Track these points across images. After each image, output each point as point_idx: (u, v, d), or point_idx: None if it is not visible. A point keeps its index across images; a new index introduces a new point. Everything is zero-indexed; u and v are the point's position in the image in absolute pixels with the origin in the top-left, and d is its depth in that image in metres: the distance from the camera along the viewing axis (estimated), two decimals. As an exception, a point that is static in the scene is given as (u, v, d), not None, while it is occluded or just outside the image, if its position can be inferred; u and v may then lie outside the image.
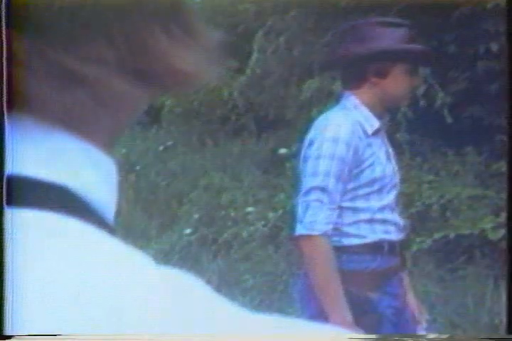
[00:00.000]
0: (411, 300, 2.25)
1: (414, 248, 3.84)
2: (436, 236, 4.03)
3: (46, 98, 0.43)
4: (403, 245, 2.23)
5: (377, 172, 2.14)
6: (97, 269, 0.40)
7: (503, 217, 3.93)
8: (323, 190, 2.09)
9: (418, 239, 3.99)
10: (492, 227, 3.92)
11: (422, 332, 2.24)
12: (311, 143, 2.13)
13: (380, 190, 2.15)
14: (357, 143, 2.11)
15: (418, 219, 4.27)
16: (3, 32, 0.42)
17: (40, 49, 0.43)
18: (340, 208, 2.12)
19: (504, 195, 3.99)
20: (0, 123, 0.44)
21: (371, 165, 2.13)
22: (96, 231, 0.43)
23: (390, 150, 2.22)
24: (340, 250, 2.11)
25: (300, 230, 2.09)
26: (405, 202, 3.95)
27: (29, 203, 0.42)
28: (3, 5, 0.43)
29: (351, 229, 2.12)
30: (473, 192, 4.41)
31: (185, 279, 0.42)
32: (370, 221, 2.13)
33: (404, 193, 3.61)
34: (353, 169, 2.11)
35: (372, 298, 2.08)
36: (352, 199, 2.13)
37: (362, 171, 2.13)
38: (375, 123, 2.15)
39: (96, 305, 0.38)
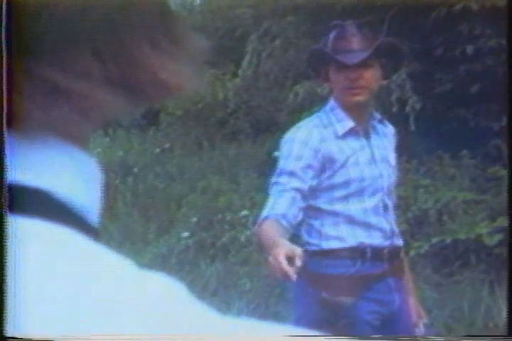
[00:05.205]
0: (410, 304, 2.22)
1: (412, 252, 3.84)
2: (434, 240, 4.04)
3: (33, 112, 0.43)
4: (395, 251, 2.18)
5: (352, 173, 2.11)
6: (94, 274, 0.40)
7: (499, 221, 3.95)
8: (290, 173, 2.05)
9: (416, 244, 4.00)
10: (488, 232, 3.92)
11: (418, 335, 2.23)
12: (283, 146, 2.13)
13: (360, 192, 2.12)
14: (324, 145, 2.09)
15: (415, 223, 4.28)
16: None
17: (27, 65, 0.42)
18: (319, 211, 2.11)
19: (502, 199, 4.01)
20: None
21: (344, 166, 2.11)
22: (80, 235, 0.42)
23: (380, 153, 2.18)
24: (318, 254, 2.09)
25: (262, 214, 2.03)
26: (402, 206, 3.95)
27: (22, 210, 0.42)
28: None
29: (331, 230, 2.10)
30: (469, 196, 4.41)
31: (169, 284, 0.41)
32: (351, 223, 2.11)
33: (401, 197, 3.62)
34: (324, 169, 2.09)
35: (345, 302, 2.05)
36: (330, 201, 2.11)
37: (335, 172, 2.10)
38: (348, 125, 2.12)
39: (94, 307, 0.39)
